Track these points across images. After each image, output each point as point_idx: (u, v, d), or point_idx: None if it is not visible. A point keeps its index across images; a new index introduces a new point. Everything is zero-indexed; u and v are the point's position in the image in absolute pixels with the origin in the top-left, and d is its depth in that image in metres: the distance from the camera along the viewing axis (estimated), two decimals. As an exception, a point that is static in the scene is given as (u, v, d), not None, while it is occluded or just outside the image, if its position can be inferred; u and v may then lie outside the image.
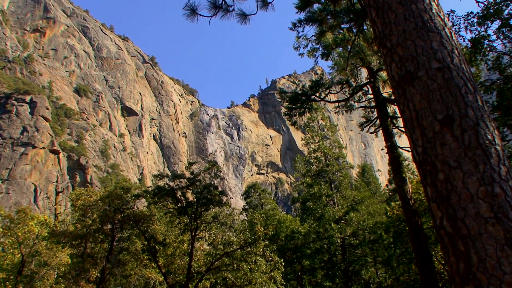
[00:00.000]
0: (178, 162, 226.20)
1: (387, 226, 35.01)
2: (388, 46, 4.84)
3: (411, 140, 4.55)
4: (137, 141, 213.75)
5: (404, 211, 20.33)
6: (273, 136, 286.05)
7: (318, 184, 44.45)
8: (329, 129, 50.67)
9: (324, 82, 24.25)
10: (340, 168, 47.21)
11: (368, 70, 23.39)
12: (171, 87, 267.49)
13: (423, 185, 4.38)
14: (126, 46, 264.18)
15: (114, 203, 35.57)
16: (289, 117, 24.30)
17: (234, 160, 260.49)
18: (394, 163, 21.39)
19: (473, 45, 18.05)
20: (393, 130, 23.00)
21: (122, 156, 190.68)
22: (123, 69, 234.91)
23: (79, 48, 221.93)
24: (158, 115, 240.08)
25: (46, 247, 38.95)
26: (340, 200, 45.53)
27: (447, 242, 3.94)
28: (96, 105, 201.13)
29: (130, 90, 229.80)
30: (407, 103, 4.53)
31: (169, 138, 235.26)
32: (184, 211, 34.64)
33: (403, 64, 4.60)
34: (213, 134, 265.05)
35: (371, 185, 78.96)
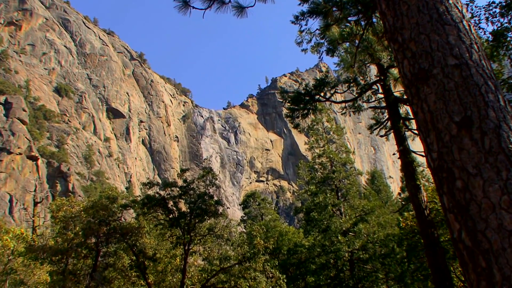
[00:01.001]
0: (170, 169, 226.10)
1: (400, 238, 34.98)
2: (400, 41, 4.82)
3: (425, 145, 4.53)
4: (124, 146, 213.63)
5: (419, 222, 20.31)
6: (274, 140, 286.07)
7: (323, 192, 44.43)
8: (335, 132, 50.69)
9: (329, 81, 24.27)
10: (347, 175, 47.20)
11: (378, 67, 23.42)
12: (161, 87, 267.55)
13: (438, 194, 4.35)
14: (112, 41, 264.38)
15: (99, 215, 35.52)
16: (291, 119, 24.30)
17: (231, 167, 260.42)
18: (407, 169, 21.38)
19: (494, 38, 17.94)
20: (405, 132, 23.01)
21: (107, 163, 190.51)
22: (108, 67, 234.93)
23: (59, 43, 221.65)
24: (147, 117, 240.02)
25: (22, 263, 38.78)
26: (348, 210, 45.50)
27: (466, 257, 3.92)
28: (79, 107, 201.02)
29: (117, 90, 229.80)
30: (421, 103, 4.51)
31: (159, 143, 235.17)
32: (176, 222, 34.59)
33: (416, 60, 4.58)
34: (208, 138, 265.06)
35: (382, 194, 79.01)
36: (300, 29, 20.02)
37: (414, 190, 20.75)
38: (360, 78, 24.51)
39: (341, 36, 19.57)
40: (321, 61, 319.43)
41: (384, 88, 23.35)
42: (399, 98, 23.09)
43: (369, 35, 18.74)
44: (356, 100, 25.32)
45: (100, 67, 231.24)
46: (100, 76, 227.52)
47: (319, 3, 16.52)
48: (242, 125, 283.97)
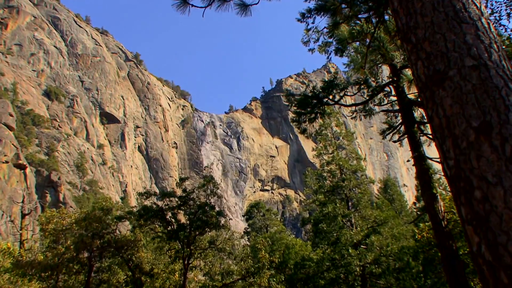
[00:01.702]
0: (168, 178, 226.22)
1: (416, 251, 34.87)
2: (413, 41, 4.83)
3: (441, 152, 4.52)
4: (119, 153, 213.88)
5: (436, 233, 20.24)
6: (279, 146, 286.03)
7: (332, 202, 44.36)
8: (345, 137, 50.65)
9: (338, 82, 24.28)
10: (358, 183, 47.12)
11: (390, 67, 23.41)
12: (158, 89, 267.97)
13: (456, 205, 4.33)
14: (105, 41, 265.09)
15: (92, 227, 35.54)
16: (297, 124, 24.29)
17: (234, 175, 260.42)
18: (423, 177, 21.34)
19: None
20: (420, 138, 22.98)
21: (101, 171, 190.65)
22: (101, 68, 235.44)
23: (49, 43, 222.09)
24: (143, 122, 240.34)
25: (9, 281, 38.74)
26: (359, 221, 45.41)
27: (486, 272, 3.91)
28: (70, 111, 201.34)
29: (111, 93, 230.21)
30: (436, 108, 4.51)
31: (157, 149, 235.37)
32: (175, 235, 34.59)
33: (431, 62, 4.58)
34: (209, 144, 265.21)
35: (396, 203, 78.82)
36: (306, 27, 20.04)
37: (430, 199, 20.69)
38: (371, 80, 24.50)
39: (350, 35, 19.58)
40: (330, 61, 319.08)
41: (397, 90, 23.33)
42: (413, 100, 23.05)
43: (381, 33, 18.74)
44: (367, 103, 25.30)
45: (92, 68, 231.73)
46: (92, 78, 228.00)
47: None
48: (245, 130, 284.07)
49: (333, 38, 20.45)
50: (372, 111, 26.04)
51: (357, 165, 48.78)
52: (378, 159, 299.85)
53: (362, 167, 49.98)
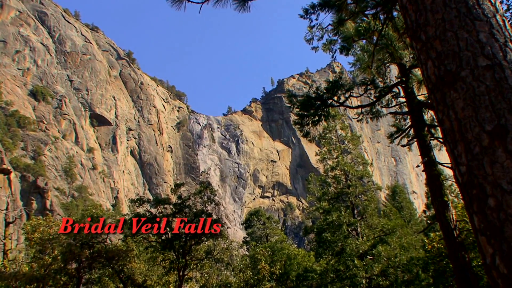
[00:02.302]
0: (162, 184, 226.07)
1: (426, 262, 34.85)
2: (423, 39, 4.82)
3: (452, 157, 4.51)
4: (110, 157, 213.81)
5: (447, 244, 20.23)
6: (281, 150, 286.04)
7: (337, 210, 44.37)
8: (351, 141, 50.70)
9: (343, 83, 24.28)
10: (364, 190, 47.14)
11: (399, 67, 23.41)
12: (152, 90, 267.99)
13: (468, 213, 4.32)
14: (96, 38, 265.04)
15: (81, 236, 35.50)
16: (300, 127, 24.29)
17: (232, 181, 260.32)
18: (433, 183, 21.33)
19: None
20: (431, 141, 22.98)
21: (91, 176, 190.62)
22: (92, 67, 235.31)
23: (35, 40, 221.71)
24: (136, 125, 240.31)
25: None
26: (365, 230, 45.41)
27: (501, 286, 3.89)
28: (58, 112, 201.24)
29: (101, 93, 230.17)
30: (447, 110, 4.50)
31: (150, 154, 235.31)
32: (169, 245, 34.58)
33: (442, 61, 4.58)
34: (206, 148, 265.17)
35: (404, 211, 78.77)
36: (310, 24, 20.06)
37: (441, 207, 20.68)
38: (378, 80, 24.51)
39: (357, 32, 19.60)
40: (334, 60, 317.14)
41: (406, 91, 23.33)
42: (423, 102, 23.05)
43: (389, 31, 18.77)
44: (374, 104, 25.30)
45: (82, 67, 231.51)
46: (82, 77, 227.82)
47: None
48: (244, 133, 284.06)
49: (338, 35, 20.47)
50: (379, 113, 26.05)
51: (363, 170, 48.80)
52: (386, 164, 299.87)
53: (369, 172, 49.99)
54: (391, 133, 26.17)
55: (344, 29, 19.15)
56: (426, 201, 69.81)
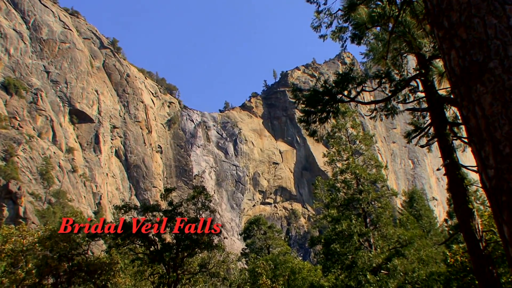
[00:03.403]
0: (151, 188, 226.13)
1: (448, 278, 34.82)
2: (446, 26, 4.81)
3: (478, 159, 4.49)
4: (92, 158, 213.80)
5: (472, 257, 20.21)
6: (284, 151, 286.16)
7: (347, 218, 44.37)
8: (363, 141, 50.70)
9: (355, 75, 24.25)
10: (378, 195, 47.15)
11: (417, 57, 23.38)
12: (140, 83, 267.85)
13: (496, 223, 4.31)
14: (76, 24, 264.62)
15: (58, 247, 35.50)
16: (306, 125, 24.27)
17: (230, 185, 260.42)
18: (456, 189, 21.31)
19: None
20: (454, 142, 22.95)
21: (70, 180, 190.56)
22: (71, 57, 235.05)
23: (7, 26, 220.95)
24: (122, 122, 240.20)
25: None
26: (379, 241, 45.42)
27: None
28: (33, 108, 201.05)
29: (82, 87, 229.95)
30: (473, 106, 4.49)
31: (137, 154, 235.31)
32: (159, 257, 34.58)
33: (468, 51, 4.56)
34: (200, 149, 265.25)
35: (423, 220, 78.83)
36: (317, 9, 20.05)
37: (465, 215, 20.65)
38: (394, 72, 24.47)
39: (370, 19, 19.58)
40: (345, 50, 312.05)
41: (425, 84, 23.29)
42: (445, 97, 23.02)
43: (407, 16, 18.74)
44: (389, 100, 25.26)
45: (60, 57, 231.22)
46: (61, 68, 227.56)
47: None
48: (243, 132, 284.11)
49: (349, 22, 20.46)
50: (395, 110, 26.00)
51: (377, 174, 48.81)
52: (402, 167, 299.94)
53: (383, 176, 49.99)
54: (409, 132, 26.14)
55: (356, 15, 19.14)
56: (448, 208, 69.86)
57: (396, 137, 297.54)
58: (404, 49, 22.66)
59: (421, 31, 19.42)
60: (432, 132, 24.17)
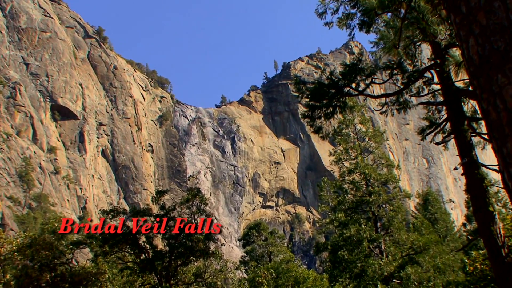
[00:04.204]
0: (141, 191, 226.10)
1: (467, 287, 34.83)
2: (464, 11, 4.80)
3: (500, 156, 4.48)
4: (76, 158, 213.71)
5: (493, 264, 20.20)
6: (286, 150, 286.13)
7: (355, 222, 44.38)
8: (373, 138, 50.69)
9: (363, 66, 24.23)
10: (389, 198, 47.17)
11: (432, 46, 23.35)
12: (129, 75, 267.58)
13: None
14: (58, 12, 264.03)
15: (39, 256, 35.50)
16: (310, 121, 24.26)
17: (227, 187, 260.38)
18: (475, 190, 21.29)
19: None
20: (472, 138, 22.92)
21: (53, 182, 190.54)
22: (53, 47, 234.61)
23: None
24: (109, 119, 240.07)
25: None
26: (391, 247, 45.44)
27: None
28: (11, 103, 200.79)
29: (65, 80, 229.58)
30: (494, 99, 4.48)
31: (126, 154, 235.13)
32: (150, 266, 34.61)
33: (488, 38, 4.55)
34: (195, 147, 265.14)
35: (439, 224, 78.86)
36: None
37: (485, 219, 20.62)
38: (407, 63, 24.44)
39: (380, 4, 19.57)
40: (352, 39, 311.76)
41: (441, 76, 23.26)
42: (463, 90, 23.00)
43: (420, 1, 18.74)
44: (401, 93, 25.24)
45: (41, 47, 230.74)
46: (41, 60, 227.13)
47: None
48: (242, 129, 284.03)
49: (357, 8, 20.45)
50: (408, 104, 25.97)
51: (388, 174, 48.82)
52: (416, 166, 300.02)
53: (395, 176, 50.01)
54: (423, 128, 26.13)
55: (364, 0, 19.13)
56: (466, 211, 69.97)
57: (409, 134, 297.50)
58: (417, 37, 22.66)
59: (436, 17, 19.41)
60: (448, 128, 24.14)
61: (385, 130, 68.75)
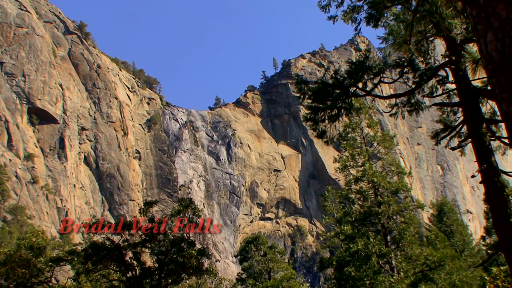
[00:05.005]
0: (127, 202, 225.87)
1: (485, 307, 34.82)
2: (481, 2, 4.79)
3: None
4: (56, 166, 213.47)
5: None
6: (287, 156, 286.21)
7: (363, 235, 44.38)
8: (381, 142, 50.74)
9: (371, 64, 24.24)
10: (400, 208, 47.19)
11: (447, 42, 23.37)
12: (113, 75, 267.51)
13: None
14: (35, 5, 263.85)
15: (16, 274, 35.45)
16: (313, 124, 24.27)
17: (222, 197, 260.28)
18: (495, 200, 21.28)
19: None
20: (491, 143, 22.92)
21: (30, 193, 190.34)
22: (30, 44, 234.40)
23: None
24: (92, 122, 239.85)
25: None
26: (402, 263, 45.45)
27: None
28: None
29: (44, 80, 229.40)
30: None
31: (111, 161, 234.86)
32: (138, 285, 34.58)
33: (508, 33, 4.55)
34: (186, 154, 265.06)
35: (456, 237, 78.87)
36: (325, -16, 20.05)
37: (506, 232, 20.62)
38: (419, 60, 24.46)
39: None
40: (359, 34, 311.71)
41: (456, 74, 23.28)
42: (480, 89, 23.02)
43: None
44: (413, 93, 25.26)
45: (16, 44, 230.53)
46: (17, 58, 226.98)
47: None
48: (238, 133, 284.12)
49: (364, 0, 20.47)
50: (420, 105, 25.98)
51: (399, 182, 48.83)
52: (429, 173, 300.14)
53: (406, 185, 50.03)
54: (437, 132, 26.15)
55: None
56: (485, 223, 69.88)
57: (422, 138, 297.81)
58: (430, 32, 22.67)
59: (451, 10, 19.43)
60: (465, 131, 24.17)
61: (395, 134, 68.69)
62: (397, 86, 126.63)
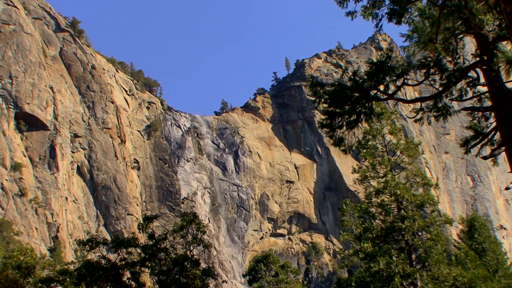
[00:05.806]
0: (125, 216, 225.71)
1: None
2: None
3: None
4: (46, 177, 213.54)
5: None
6: (301, 166, 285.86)
7: (385, 254, 44.31)
8: (405, 151, 50.67)
9: (394, 65, 24.23)
10: (426, 224, 47.10)
11: (477, 40, 23.35)
12: (110, 77, 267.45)
13: None
14: (24, 1, 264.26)
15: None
16: (329, 131, 24.27)
17: (230, 211, 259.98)
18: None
19: None
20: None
21: (17, 206, 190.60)
22: (17, 43, 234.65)
23: None
24: (86, 129, 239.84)
25: None
26: (429, 284, 45.33)
27: None
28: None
29: (33, 83, 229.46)
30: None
31: (107, 172, 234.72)
32: (135, 308, 34.61)
33: (545, 31, 4.56)
34: (190, 163, 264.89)
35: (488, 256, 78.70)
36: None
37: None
38: (447, 60, 24.45)
39: (413, -11, 19.61)
40: (380, 31, 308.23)
41: (488, 75, 23.25)
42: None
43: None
44: (440, 96, 25.24)
45: (3, 43, 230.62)
46: (3, 59, 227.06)
47: None
48: (246, 140, 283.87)
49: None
50: (448, 110, 25.95)
51: (425, 195, 48.75)
52: (459, 185, 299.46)
53: (433, 198, 49.94)
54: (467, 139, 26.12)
55: (395, -15, 19.21)
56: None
57: (450, 146, 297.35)
58: (459, 29, 22.68)
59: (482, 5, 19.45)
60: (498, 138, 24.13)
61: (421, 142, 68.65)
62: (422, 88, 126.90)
